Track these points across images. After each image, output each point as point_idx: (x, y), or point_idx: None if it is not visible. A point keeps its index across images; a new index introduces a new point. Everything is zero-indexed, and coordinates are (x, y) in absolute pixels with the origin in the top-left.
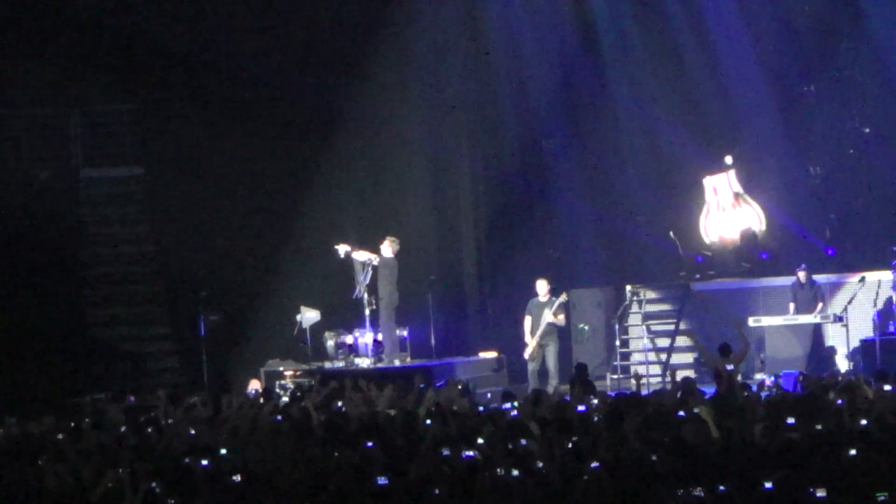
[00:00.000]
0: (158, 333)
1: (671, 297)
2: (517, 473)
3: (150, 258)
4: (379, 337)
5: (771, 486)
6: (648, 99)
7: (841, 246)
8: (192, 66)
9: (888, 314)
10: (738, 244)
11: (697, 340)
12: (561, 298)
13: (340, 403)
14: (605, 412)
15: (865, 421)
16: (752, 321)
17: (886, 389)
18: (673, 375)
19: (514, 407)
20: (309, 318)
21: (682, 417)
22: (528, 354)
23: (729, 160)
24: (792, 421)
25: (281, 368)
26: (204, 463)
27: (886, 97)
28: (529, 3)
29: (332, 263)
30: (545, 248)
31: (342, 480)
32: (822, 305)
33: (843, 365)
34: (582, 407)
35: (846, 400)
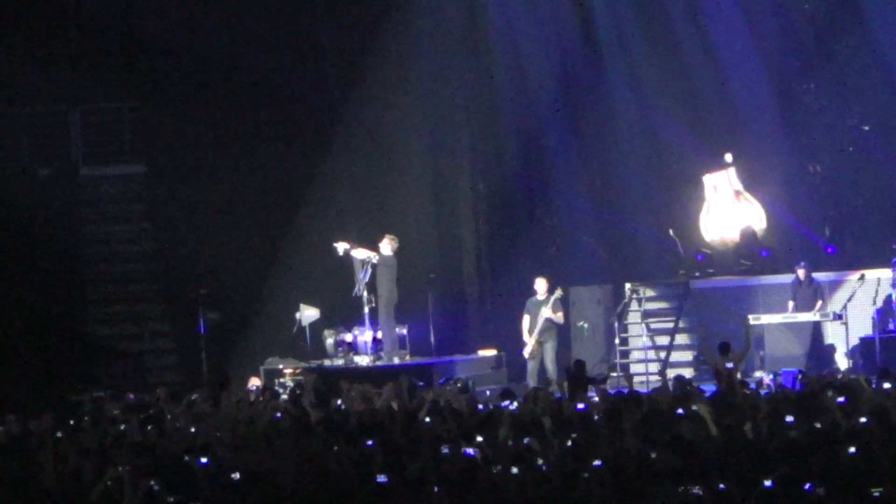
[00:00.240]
0: (158, 331)
1: (671, 295)
2: (516, 471)
3: (149, 256)
4: (378, 335)
5: (770, 483)
6: (648, 96)
7: (840, 244)
8: (192, 64)
9: (888, 312)
10: (737, 242)
11: (707, 336)
12: (556, 294)
13: (340, 401)
14: (604, 410)
15: (865, 419)
16: (751, 319)
17: (886, 388)
18: (664, 374)
19: (510, 405)
20: (308, 315)
21: (680, 415)
22: (527, 353)
23: (729, 158)
24: (791, 419)
25: (280, 366)
26: (203, 461)
27: (886, 95)
28: (529, 1)
29: (331, 261)
30: (545, 245)
31: (342, 478)
32: (821, 303)
33: (842, 363)
34: (581, 405)
35: (845, 398)
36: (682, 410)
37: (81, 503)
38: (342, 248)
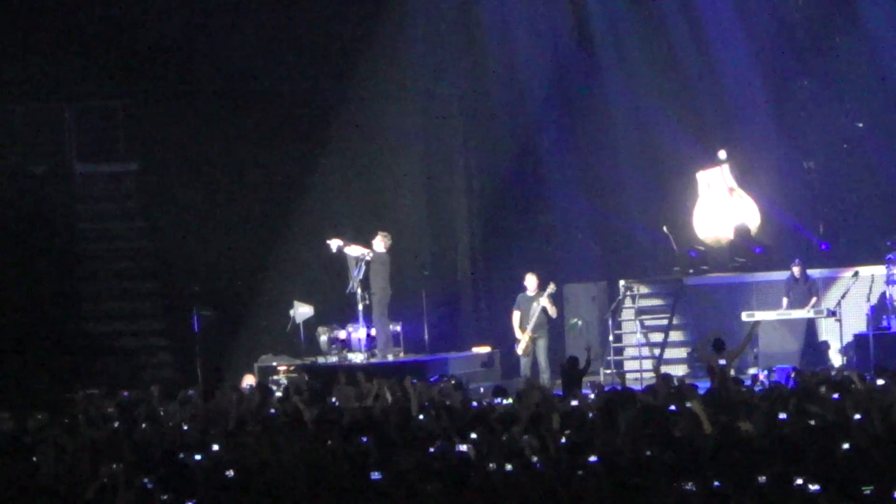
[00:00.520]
0: (152, 329)
1: (665, 291)
2: (510, 468)
3: (144, 254)
4: (372, 332)
5: (764, 480)
6: (642, 93)
7: (834, 240)
8: (186, 61)
9: (882, 309)
10: (731, 239)
11: (714, 336)
12: (549, 289)
13: (334, 399)
14: (598, 407)
15: (858, 415)
16: (745, 316)
17: (879, 384)
18: (658, 371)
19: (502, 401)
20: (302, 313)
21: (674, 412)
22: (521, 349)
23: (723, 155)
24: (785, 416)
25: (274, 363)
26: (198, 458)
27: (880, 92)
28: None
29: (325, 258)
30: (539, 242)
31: (336, 475)
32: (815, 300)
33: (836, 360)
34: (575, 402)
35: (839, 395)
36: (674, 407)
37: (76, 501)
38: (336, 245)
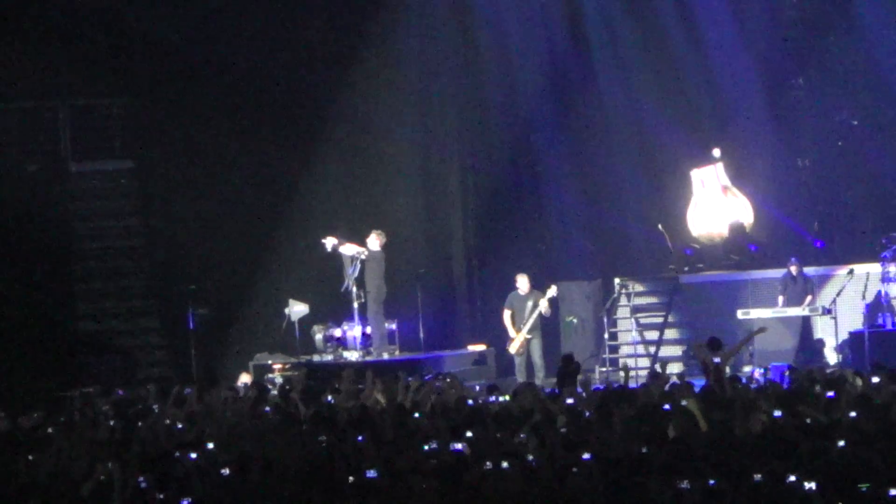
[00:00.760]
0: (147, 327)
1: (660, 289)
2: (507, 465)
3: (139, 252)
4: (367, 330)
5: (760, 478)
6: (637, 92)
7: (829, 238)
8: (181, 59)
9: (877, 306)
10: (726, 237)
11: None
12: (550, 293)
13: (330, 397)
14: (594, 405)
15: (854, 413)
16: (740, 314)
17: (875, 381)
18: (663, 368)
19: (497, 399)
20: (297, 311)
21: (668, 410)
22: (515, 349)
23: (717, 153)
24: (780, 414)
25: (270, 362)
26: (193, 456)
27: (875, 89)
28: None
29: (320, 257)
30: (534, 241)
31: (332, 473)
32: (811, 298)
33: (831, 357)
34: (570, 400)
35: (834, 393)
36: (668, 406)
37: (72, 499)
38: (331, 243)
